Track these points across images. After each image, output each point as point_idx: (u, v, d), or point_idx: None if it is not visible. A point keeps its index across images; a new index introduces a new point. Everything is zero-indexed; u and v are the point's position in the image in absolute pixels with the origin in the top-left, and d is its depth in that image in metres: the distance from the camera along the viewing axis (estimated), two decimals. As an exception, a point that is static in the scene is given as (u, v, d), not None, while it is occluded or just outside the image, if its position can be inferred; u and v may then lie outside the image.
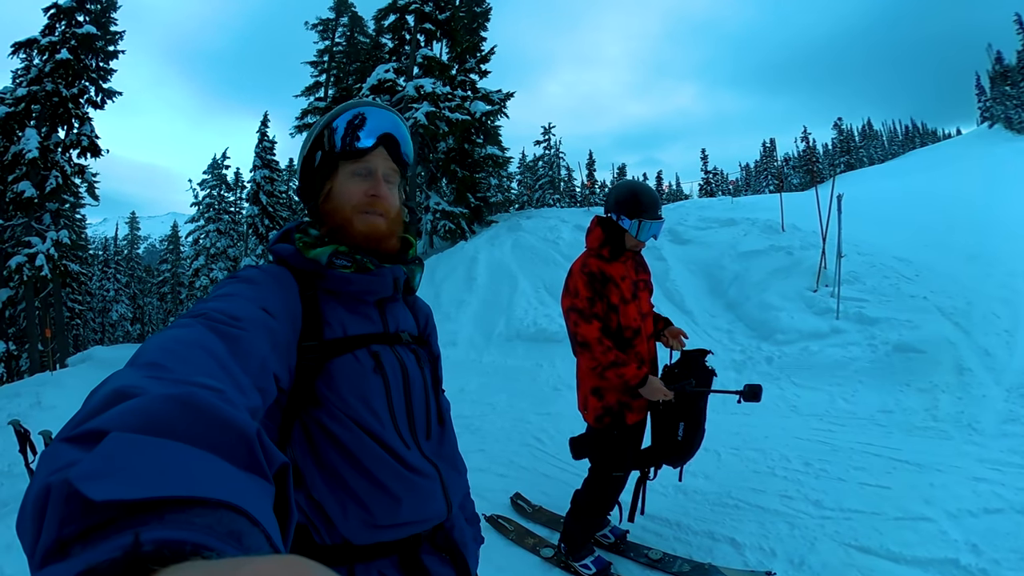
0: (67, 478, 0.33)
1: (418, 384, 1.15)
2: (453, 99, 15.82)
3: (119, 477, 0.33)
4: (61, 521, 0.32)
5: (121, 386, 0.48)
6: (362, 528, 1.02)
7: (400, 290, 1.16)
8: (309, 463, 1.02)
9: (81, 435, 0.39)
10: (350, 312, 1.09)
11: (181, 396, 0.44)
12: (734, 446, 4.41)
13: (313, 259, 1.06)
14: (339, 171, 1.12)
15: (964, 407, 4.60)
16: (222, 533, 0.32)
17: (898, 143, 69.31)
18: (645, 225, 2.75)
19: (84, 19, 16.90)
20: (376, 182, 1.12)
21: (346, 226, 1.10)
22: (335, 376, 1.02)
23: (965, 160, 25.25)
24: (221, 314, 0.78)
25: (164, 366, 0.57)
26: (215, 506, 0.34)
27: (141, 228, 44.95)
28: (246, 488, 0.38)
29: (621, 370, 2.64)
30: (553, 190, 32.21)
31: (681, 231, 10.59)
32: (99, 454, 0.35)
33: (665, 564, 3.04)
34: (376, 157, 1.13)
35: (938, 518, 3.10)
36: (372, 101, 1.17)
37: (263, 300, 0.91)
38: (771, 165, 61.15)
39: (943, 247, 8.34)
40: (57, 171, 15.74)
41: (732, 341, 6.97)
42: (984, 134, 42.17)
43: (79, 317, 26.62)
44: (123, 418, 0.41)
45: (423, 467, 1.09)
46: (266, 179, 25.25)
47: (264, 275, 1.00)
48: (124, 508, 0.31)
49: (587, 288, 2.72)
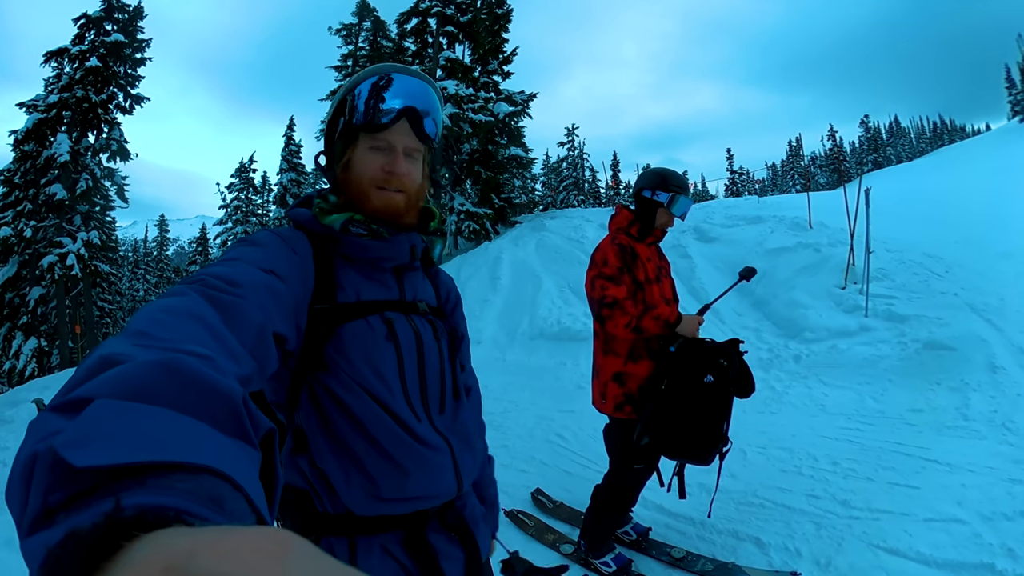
0: (52, 445, 0.33)
1: (433, 355, 1.12)
2: (476, 101, 15.85)
3: (101, 443, 0.33)
4: (46, 489, 0.32)
5: (107, 353, 0.48)
6: (365, 499, 1.00)
7: (418, 258, 1.14)
8: (315, 429, 1.00)
9: (67, 403, 0.40)
10: (366, 278, 1.08)
11: (166, 362, 0.43)
12: (761, 445, 4.34)
13: (328, 225, 1.05)
14: (359, 141, 1.09)
15: (998, 406, 4.46)
16: (203, 498, 0.32)
17: (926, 140, 68.07)
18: (678, 199, 2.78)
19: (112, 28, 17.43)
20: (395, 158, 1.08)
21: (362, 199, 1.08)
22: (345, 341, 1.01)
23: (995, 157, 24.64)
24: (220, 279, 0.77)
25: (153, 335, 0.57)
26: (197, 471, 0.34)
27: (170, 230, 45.81)
28: (230, 453, 0.38)
29: (655, 311, 2.62)
30: (577, 191, 32.14)
31: (707, 229, 10.46)
32: (83, 421, 0.35)
33: (688, 563, 2.99)
34: (397, 131, 1.08)
35: (971, 520, 3.00)
36: (402, 65, 1.12)
37: (269, 262, 0.90)
38: (798, 164, 60.43)
39: (974, 244, 8.13)
40: (87, 174, 16.28)
41: (759, 339, 6.86)
42: (1015, 129, 41.07)
43: (108, 316, 27.12)
44: (108, 385, 0.41)
45: (434, 440, 1.06)
46: (292, 182, 25.58)
47: (275, 238, 0.99)
48: (107, 474, 0.32)
49: (617, 258, 2.71)
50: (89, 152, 16.68)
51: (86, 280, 16.57)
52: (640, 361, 2.74)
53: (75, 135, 16.35)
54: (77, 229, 16.06)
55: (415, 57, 18.13)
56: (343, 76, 22.67)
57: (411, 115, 1.08)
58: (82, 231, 16.05)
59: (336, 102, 1.11)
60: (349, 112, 1.08)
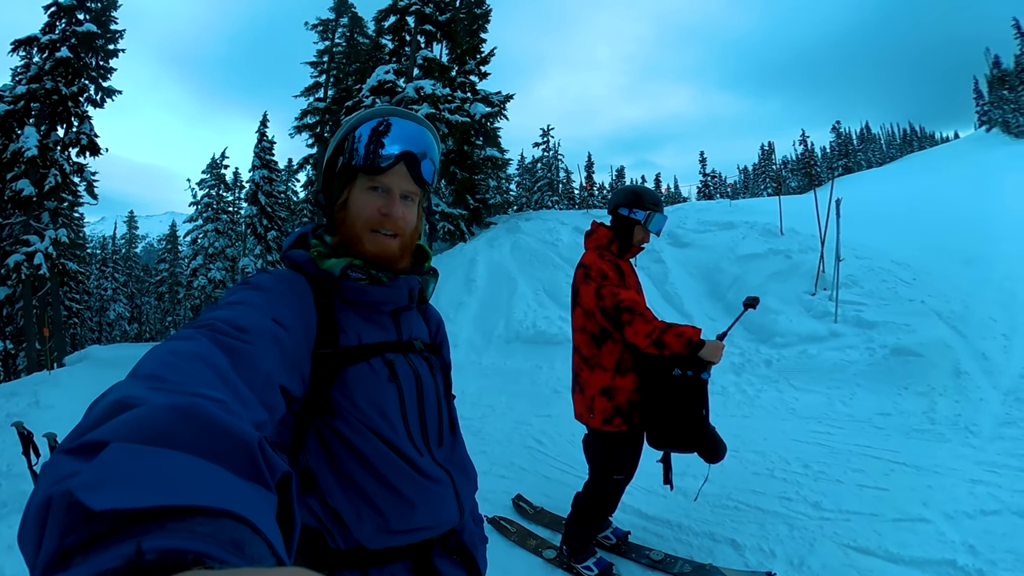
0: (68, 488, 0.33)
1: (431, 392, 1.15)
2: (453, 101, 15.79)
3: (120, 486, 0.33)
4: (62, 531, 0.32)
5: (122, 397, 0.48)
6: (377, 533, 1.02)
7: (415, 300, 1.16)
8: (325, 469, 1.02)
9: (82, 446, 0.40)
10: (365, 320, 1.09)
11: (182, 406, 0.44)
12: (734, 448, 4.40)
13: (327, 270, 1.06)
14: (356, 182, 1.10)
15: (961, 410, 4.64)
16: (224, 542, 0.32)
17: (896, 146, 69.31)
18: (654, 216, 2.87)
19: (84, 17, 16.93)
20: (391, 201, 1.10)
21: (355, 242, 1.10)
22: (350, 384, 1.03)
23: (962, 164, 25.30)
24: (227, 324, 0.77)
25: (165, 378, 0.57)
26: (217, 515, 0.34)
27: (139, 227, 44.93)
28: (248, 497, 0.38)
29: (679, 329, 2.55)
30: (552, 192, 32.25)
31: (680, 234, 10.62)
32: (100, 464, 0.35)
33: (666, 565, 3.06)
34: (395, 175, 1.10)
35: (936, 519, 3.13)
36: (401, 109, 1.14)
37: (273, 309, 0.90)
38: (769, 168, 61.22)
39: (941, 251, 8.39)
40: (56, 169, 15.74)
41: (731, 344, 6.98)
42: (982, 138, 42.21)
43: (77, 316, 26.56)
44: (124, 428, 0.41)
45: (436, 473, 1.09)
46: (265, 179, 25.23)
47: (278, 282, 0.99)
48: (125, 517, 0.32)
49: (613, 271, 2.77)
50: (58, 146, 16.15)
51: (54, 280, 16.11)
52: (628, 375, 2.80)
53: (44, 128, 15.86)
54: (45, 227, 15.60)
55: (392, 55, 18.00)
56: (319, 72, 22.48)
57: (409, 159, 1.10)
58: (50, 229, 15.57)
59: (336, 142, 1.13)
60: (348, 153, 1.10)
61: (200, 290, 28.30)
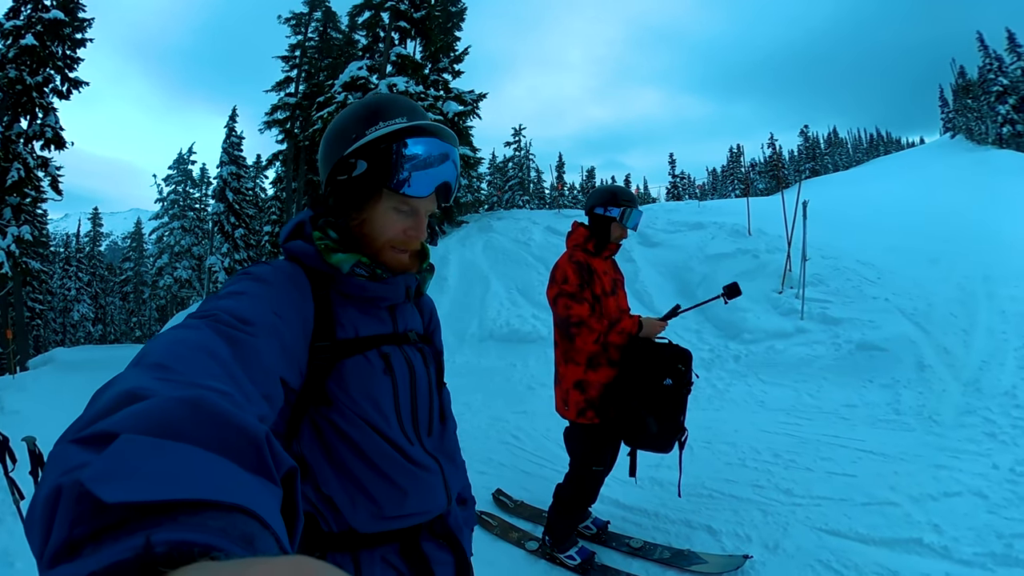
0: (79, 479, 0.33)
1: (423, 383, 1.18)
2: (426, 99, 15.70)
3: (131, 479, 0.33)
4: (72, 522, 0.32)
5: (131, 388, 0.49)
6: (369, 519, 1.06)
7: (412, 296, 1.18)
8: (319, 458, 1.04)
9: (91, 436, 0.40)
10: (362, 314, 1.10)
11: (191, 399, 0.44)
12: (706, 440, 4.55)
13: (335, 265, 1.06)
14: (383, 197, 1.07)
15: (925, 401, 4.82)
16: (235, 536, 0.32)
17: (863, 151, 70.83)
18: (629, 212, 2.97)
19: (51, 3, 16.30)
20: (418, 224, 1.11)
21: (374, 254, 1.10)
22: (346, 376, 1.05)
23: (927, 169, 26.09)
24: (230, 315, 0.78)
25: (173, 368, 0.58)
26: (228, 509, 0.34)
27: (104, 224, 43.71)
28: (257, 491, 0.38)
29: (620, 326, 2.84)
30: (523, 191, 32.38)
31: (650, 234, 10.78)
32: (110, 456, 0.35)
33: (646, 551, 3.14)
34: (428, 200, 1.10)
35: (902, 502, 3.28)
36: (437, 125, 1.09)
37: (274, 302, 0.91)
38: (738, 170, 62.26)
39: (904, 251, 8.70)
40: (19, 163, 15.21)
41: (701, 340, 7.14)
42: (946, 144, 43.40)
43: (40, 317, 25.85)
44: (133, 420, 0.41)
45: (426, 462, 1.13)
46: (233, 175, 24.87)
47: (278, 274, 0.99)
48: (136, 510, 0.32)
49: (576, 275, 2.87)
50: (22, 139, 15.57)
51: (16, 279, 15.59)
52: (599, 369, 2.92)
53: (6, 119, 15.33)
54: (7, 224, 15.03)
55: (365, 51, 17.88)
56: (290, 67, 22.09)
57: (445, 191, 1.11)
58: (12, 226, 15.03)
59: (360, 144, 1.06)
60: (383, 169, 1.04)
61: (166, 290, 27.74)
